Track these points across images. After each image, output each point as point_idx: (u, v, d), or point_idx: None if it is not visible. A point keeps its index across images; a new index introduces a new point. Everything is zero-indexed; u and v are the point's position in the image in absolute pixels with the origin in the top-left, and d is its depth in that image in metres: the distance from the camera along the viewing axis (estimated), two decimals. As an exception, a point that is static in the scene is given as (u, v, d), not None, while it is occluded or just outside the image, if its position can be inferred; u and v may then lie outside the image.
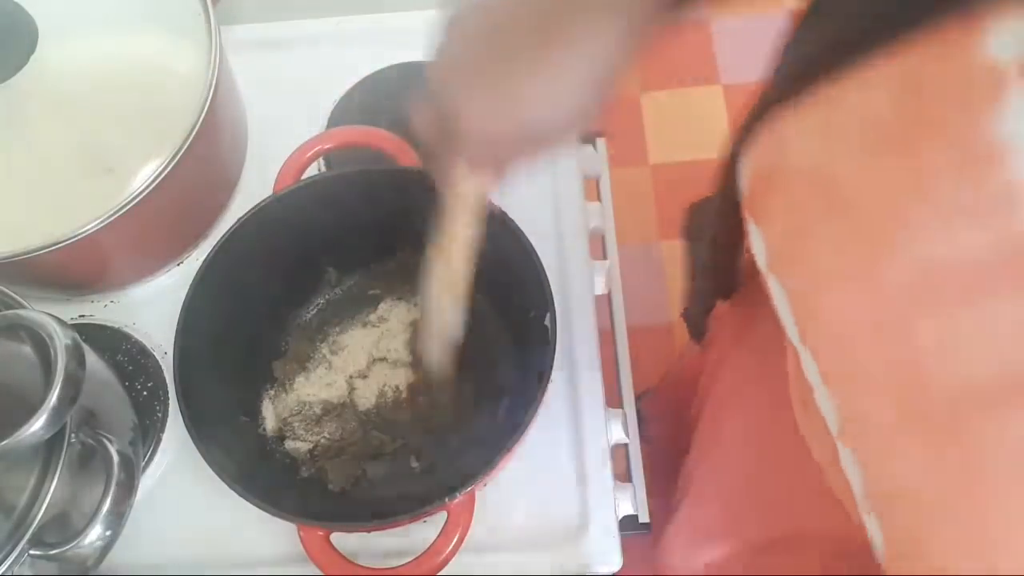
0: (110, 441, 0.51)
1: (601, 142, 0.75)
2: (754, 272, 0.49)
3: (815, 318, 0.30)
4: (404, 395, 0.62)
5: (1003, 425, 0.24)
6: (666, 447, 0.78)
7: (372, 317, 0.65)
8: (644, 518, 0.61)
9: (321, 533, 0.50)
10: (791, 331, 0.32)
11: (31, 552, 0.47)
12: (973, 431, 0.24)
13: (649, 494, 0.62)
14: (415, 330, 0.59)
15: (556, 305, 0.54)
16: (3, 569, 0.46)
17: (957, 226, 0.24)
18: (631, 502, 0.61)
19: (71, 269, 0.62)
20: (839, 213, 0.27)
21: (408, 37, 0.52)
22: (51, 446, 0.48)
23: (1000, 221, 0.23)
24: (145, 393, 0.64)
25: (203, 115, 0.58)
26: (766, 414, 0.50)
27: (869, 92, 0.26)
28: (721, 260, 0.47)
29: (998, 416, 0.24)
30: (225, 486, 0.49)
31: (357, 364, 0.63)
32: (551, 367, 0.51)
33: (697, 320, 0.55)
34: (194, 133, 0.57)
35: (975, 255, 0.23)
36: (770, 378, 0.45)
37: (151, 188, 0.56)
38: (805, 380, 0.32)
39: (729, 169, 0.37)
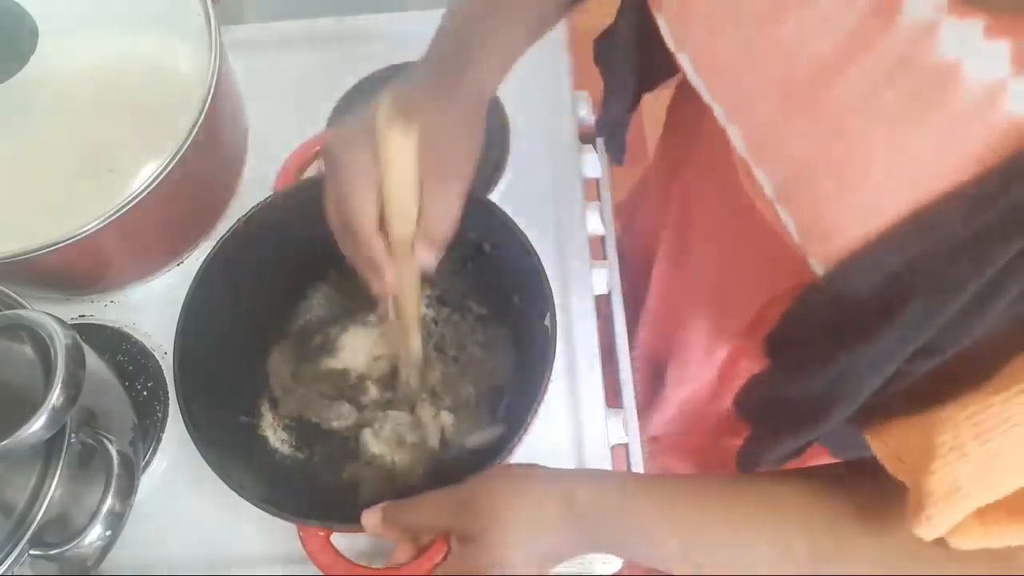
0: (110, 441, 0.51)
1: (601, 142, 0.74)
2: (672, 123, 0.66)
3: (713, 62, 0.38)
4: (404, 394, 0.62)
5: (843, 84, 0.31)
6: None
7: (372, 317, 0.65)
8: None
9: (321, 533, 0.50)
10: (704, 93, 0.39)
11: (31, 552, 0.47)
12: (828, 96, 0.32)
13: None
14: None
15: (556, 305, 0.54)
16: (3, 569, 0.46)
17: None
18: (631, 502, 0.61)
19: (71, 269, 0.62)
20: None
21: (408, 37, 0.53)
22: (51, 446, 0.48)
23: None
24: (145, 393, 0.64)
25: (203, 115, 0.58)
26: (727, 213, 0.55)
27: None
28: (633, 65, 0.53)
29: (837, 77, 0.31)
30: (225, 486, 0.50)
31: (357, 364, 0.63)
32: (551, 367, 0.51)
33: (614, 135, 0.61)
34: (194, 133, 0.57)
35: None
36: (719, 184, 0.53)
37: (151, 188, 0.56)
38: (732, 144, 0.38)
39: None
